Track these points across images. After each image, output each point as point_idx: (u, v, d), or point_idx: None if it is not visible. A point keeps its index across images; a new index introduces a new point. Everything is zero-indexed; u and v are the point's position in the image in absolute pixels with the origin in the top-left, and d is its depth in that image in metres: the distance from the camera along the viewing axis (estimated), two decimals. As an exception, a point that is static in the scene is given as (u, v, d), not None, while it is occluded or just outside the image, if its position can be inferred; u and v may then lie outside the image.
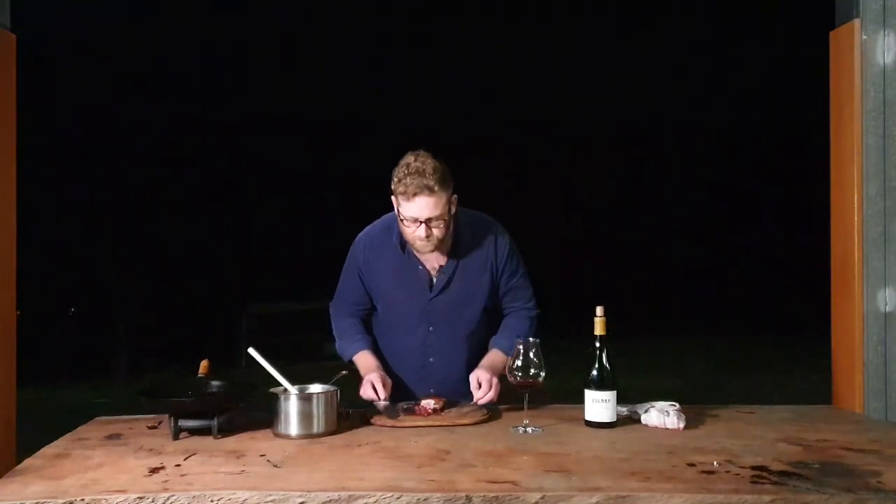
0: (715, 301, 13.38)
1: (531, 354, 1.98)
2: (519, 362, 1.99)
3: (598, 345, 2.02)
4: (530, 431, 1.95)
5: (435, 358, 2.34)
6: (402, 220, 2.16)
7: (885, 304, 2.43)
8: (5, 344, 2.25)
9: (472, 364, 2.31)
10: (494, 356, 2.31)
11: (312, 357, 10.59)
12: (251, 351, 1.99)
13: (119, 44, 12.55)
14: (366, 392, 2.21)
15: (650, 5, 14.02)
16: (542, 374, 1.98)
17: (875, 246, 2.45)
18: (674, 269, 14.35)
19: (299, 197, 13.56)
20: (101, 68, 12.44)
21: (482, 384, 2.19)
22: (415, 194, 2.09)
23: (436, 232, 2.15)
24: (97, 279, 12.05)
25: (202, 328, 10.63)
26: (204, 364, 2.16)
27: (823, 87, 2.62)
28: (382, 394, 2.17)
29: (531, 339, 2.02)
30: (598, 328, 2.02)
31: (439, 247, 2.22)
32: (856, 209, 2.46)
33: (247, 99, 13.73)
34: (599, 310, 2.03)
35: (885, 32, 2.44)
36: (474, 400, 2.18)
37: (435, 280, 2.30)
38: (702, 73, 14.67)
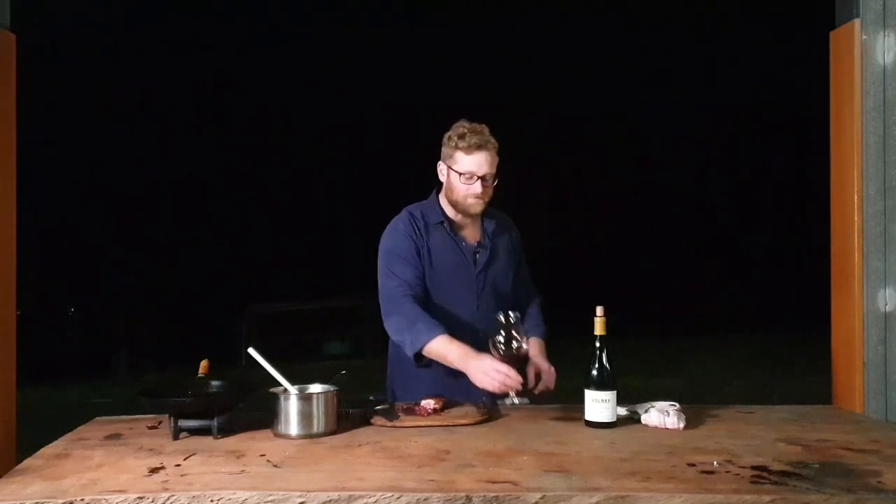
0: (715, 301, 13.38)
1: (512, 330, 2.04)
2: (501, 337, 2.03)
3: (598, 345, 2.02)
4: (517, 402, 2.01)
5: (484, 334, 2.30)
6: (459, 174, 2.26)
7: (885, 304, 2.43)
8: (5, 344, 2.25)
9: None
10: (538, 343, 2.39)
11: (312, 357, 10.61)
12: (251, 351, 1.99)
13: (119, 43, 12.55)
14: (494, 384, 2.06)
15: (651, 5, 14.02)
16: (525, 345, 2.06)
17: (875, 246, 2.45)
18: (674, 269, 14.35)
19: (299, 197, 13.57)
20: (102, 68, 12.44)
21: (544, 372, 2.27)
22: (478, 147, 2.25)
23: (489, 191, 2.30)
24: (97, 279, 12.06)
25: (202, 328, 10.63)
26: (204, 364, 2.16)
27: (823, 87, 2.62)
28: (518, 377, 2.05)
29: (511, 312, 2.08)
30: (598, 328, 2.02)
31: (483, 211, 2.35)
32: (856, 209, 2.46)
33: (247, 99, 13.73)
34: (599, 310, 2.03)
35: (885, 32, 2.44)
36: (537, 391, 2.25)
37: (478, 256, 2.39)
38: (702, 73, 14.67)
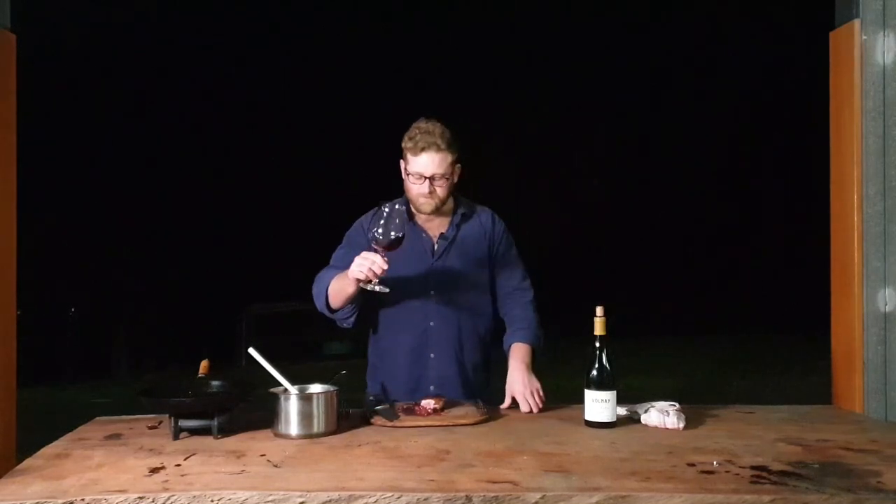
0: (715, 301, 13.39)
1: (392, 219, 2.03)
2: (380, 228, 2.03)
3: (598, 345, 2.01)
4: (377, 289, 2.04)
5: (435, 322, 2.35)
6: (408, 174, 2.28)
7: (885, 304, 2.43)
8: (5, 344, 2.25)
9: (471, 333, 2.38)
10: (517, 351, 2.33)
11: (312, 357, 10.62)
12: (251, 351, 1.99)
13: (120, 44, 12.55)
14: (362, 269, 2.04)
15: (651, 6, 14.02)
16: (401, 234, 2.03)
17: (875, 246, 2.44)
18: (673, 269, 14.35)
19: (300, 198, 13.57)
20: (102, 68, 12.44)
21: (518, 399, 2.22)
22: (423, 149, 2.23)
23: (438, 191, 2.27)
24: (97, 279, 12.06)
25: (202, 328, 10.64)
26: (204, 364, 2.16)
27: (823, 87, 2.62)
28: (383, 264, 2.02)
29: (397, 204, 2.08)
30: (598, 328, 2.02)
31: (440, 209, 2.33)
32: (856, 209, 2.46)
33: (247, 99, 13.73)
34: (599, 310, 2.02)
35: (885, 32, 2.44)
36: (522, 409, 2.21)
37: (437, 246, 2.37)
38: (702, 73, 14.67)
